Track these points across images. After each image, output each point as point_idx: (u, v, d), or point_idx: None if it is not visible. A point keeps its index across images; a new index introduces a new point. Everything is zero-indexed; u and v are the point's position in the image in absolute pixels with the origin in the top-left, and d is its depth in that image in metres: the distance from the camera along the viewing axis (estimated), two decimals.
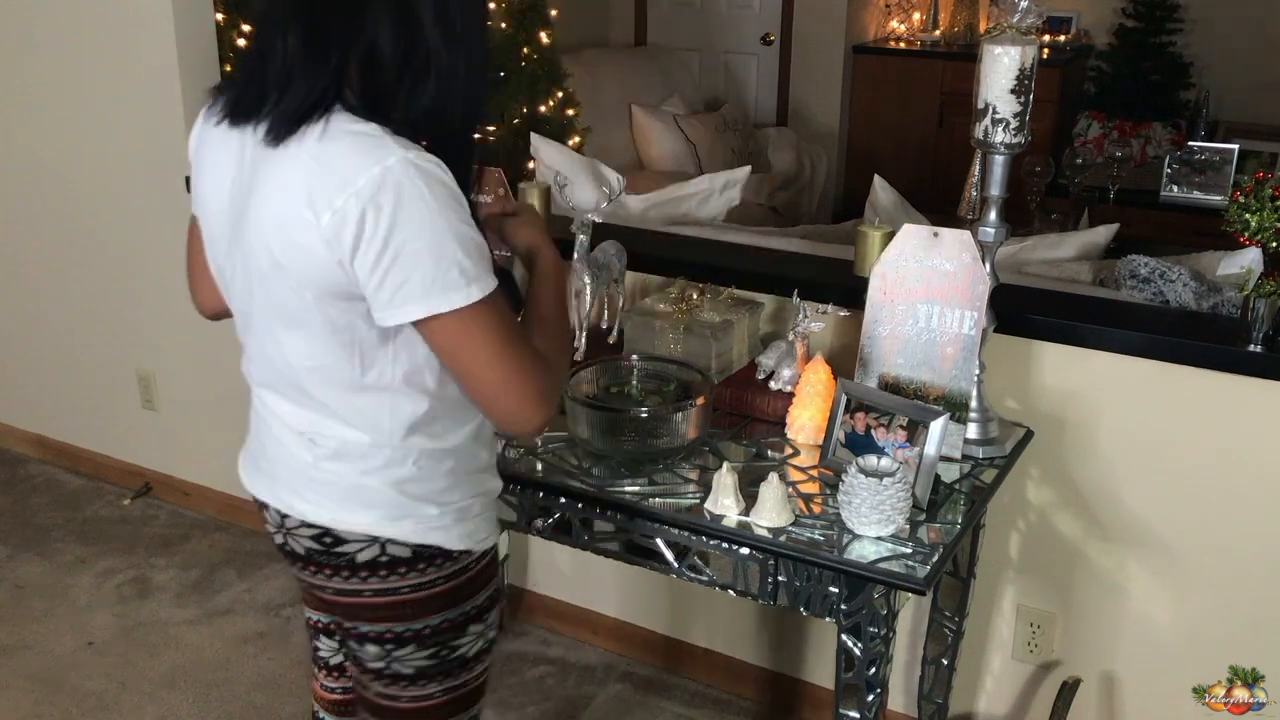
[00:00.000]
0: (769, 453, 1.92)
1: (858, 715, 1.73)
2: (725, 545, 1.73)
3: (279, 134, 1.26)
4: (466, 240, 1.27)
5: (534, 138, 3.03)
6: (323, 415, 1.40)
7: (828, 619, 1.71)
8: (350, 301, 1.30)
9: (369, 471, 1.41)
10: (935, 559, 1.63)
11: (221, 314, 1.56)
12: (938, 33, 6.17)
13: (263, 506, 1.52)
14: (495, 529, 1.54)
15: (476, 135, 1.44)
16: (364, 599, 1.46)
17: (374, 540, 1.42)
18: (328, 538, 1.44)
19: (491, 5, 3.37)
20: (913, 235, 1.90)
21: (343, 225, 1.23)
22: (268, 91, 1.28)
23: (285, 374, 1.40)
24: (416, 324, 1.29)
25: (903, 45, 6.16)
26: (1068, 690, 2.19)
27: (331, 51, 1.26)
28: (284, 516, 1.47)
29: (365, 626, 1.49)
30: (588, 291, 2.16)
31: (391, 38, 1.26)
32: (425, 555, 1.44)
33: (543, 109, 3.51)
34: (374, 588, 1.45)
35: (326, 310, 1.31)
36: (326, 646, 1.76)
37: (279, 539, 1.51)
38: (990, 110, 1.78)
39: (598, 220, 2.13)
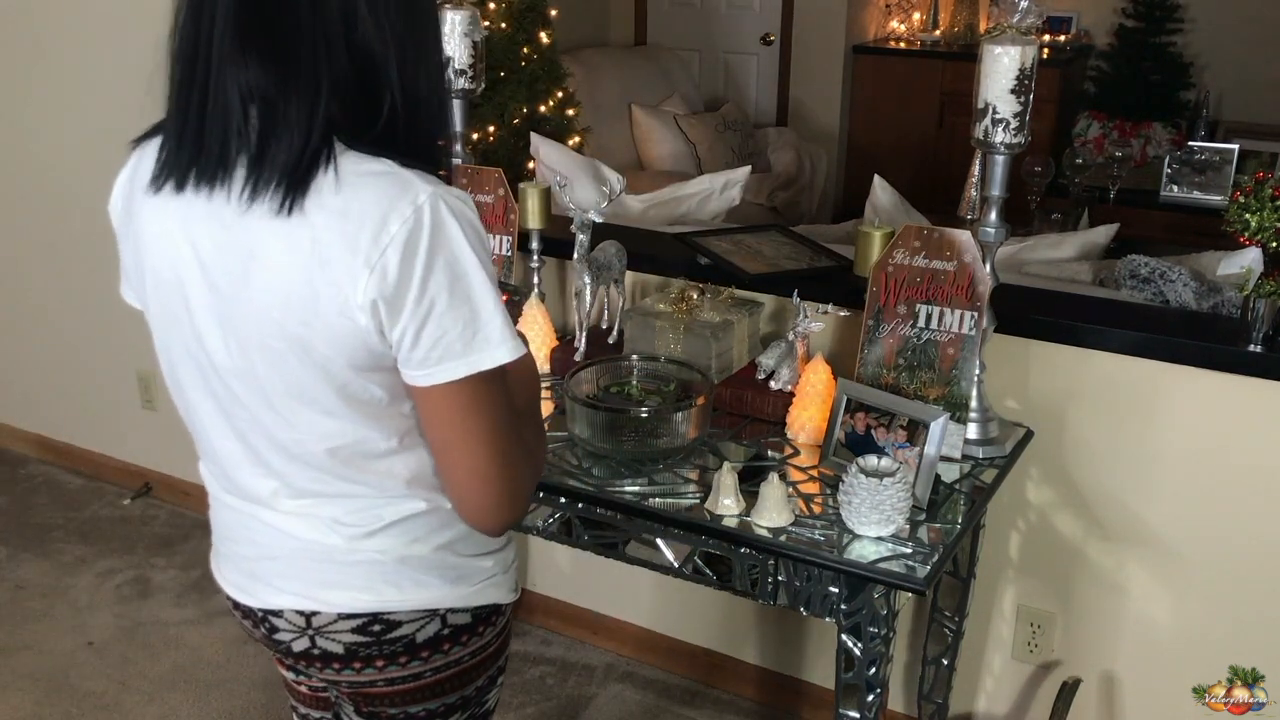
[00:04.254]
0: (769, 453, 1.92)
1: (858, 715, 1.73)
2: (725, 545, 1.73)
3: (290, 198, 1.06)
4: (497, 289, 1.14)
5: (534, 138, 3.03)
6: (351, 494, 1.24)
7: (828, 619, 1.71)
8: (381, 371, 1.15)
9: (417, 539, 1.26)
10: (935, 559, 1.63)
11: None
12: (938, 33, 6.17)
13: (266, 617, 1.32)
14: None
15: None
16: (424, 680, 1.32)
17: (433, 614, 1.28)
18: (376, 625, 1.27)
19: (492, 5, 3.37)
20: (913, 235, 1.90)
21: (382, 281, 1.07)
22: (230, 147, 1.08)
23: (299, 459, 1.21)
24: (432, 388, 1.12)
25: (903, 45, 6.16)
26: (1068, 690, 2.19)
27: (309, 86, 1.06)
28: (310, 616, 1.28)
29: (418, 708, 1.34)
30: (588, 291, 2.16)
31: (364, 56, 1.09)
32: (483, 616, 1.33)
33: (543, 109, 3.51)
34: (436, 665, 1.31)
35: (355, 381, 1.15)
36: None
37: (301, 644, 1.30)
38: (990, 110, 1.78)
39: (598, 220, 2.13)
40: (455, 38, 2.27)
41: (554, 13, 3.64)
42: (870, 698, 1.72)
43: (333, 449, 1.20)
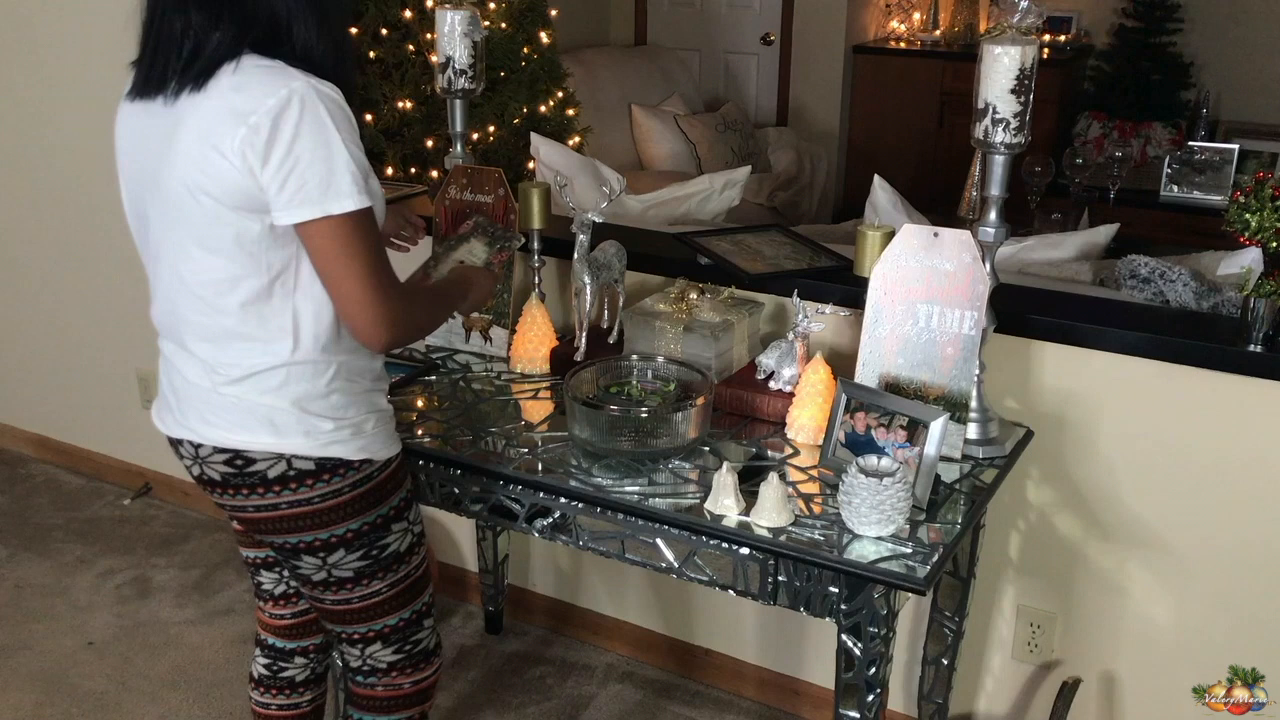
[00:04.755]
0: (769, 453, 1.92)
1: (858, 715, 1.73)
2: (725, 545, 1.73)
3: (200, 81, 1.46)
4: (357, 158, 1.48)
5: (534, 138, 3.03)
6: (225, 340, 1.56)
7: (828, 619, 1.70)
8: (259, 213, 1.48)
9: (269, 391, 1.57)
10: (935, 559, 1.63)
11: None
12: (938, 33, 6.17)
13: (177, 444, 1.66)
14: (394, 442, 1.72)
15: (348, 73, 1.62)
16: (281, 512, 1.63)
17: (280, 457, 1.59)
18: (239, 460, 1.59)
19: (492, 5, 3.37)
20: (913, 235, 1.89)
21: (255, 135, 1.42)
22: (171, 60, 1.48)
23: (195, 296, 1.55)
24: (302, 226, 1.47)
25: (903, 45, 6.16)
26: (1068, 690, 2.19)
27: (230, 28, 1.46)
28: (198, 446, 1.62)
29: (293, 539, 1.66)
30: (588, 291, 2.16)
31: (269, 15, 1.48)
32: (328, 466, 1.61)
33: (543, 109, 3.51)
34: (287, 500, 1.61)
35: (238, 224, 1.48)
36: (269, 579, 1.95)
37: (195, 470, 1.66)
38: (990, 110, 1.78)
39: (598, 220, 2.13)
40: (455, 38, 2.27)
41: (554, 13, 3.63)
42: (870, 698, 1.72)
43: (219, 282, 1.52)
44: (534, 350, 2.23)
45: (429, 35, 3.06)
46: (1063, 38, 5.90)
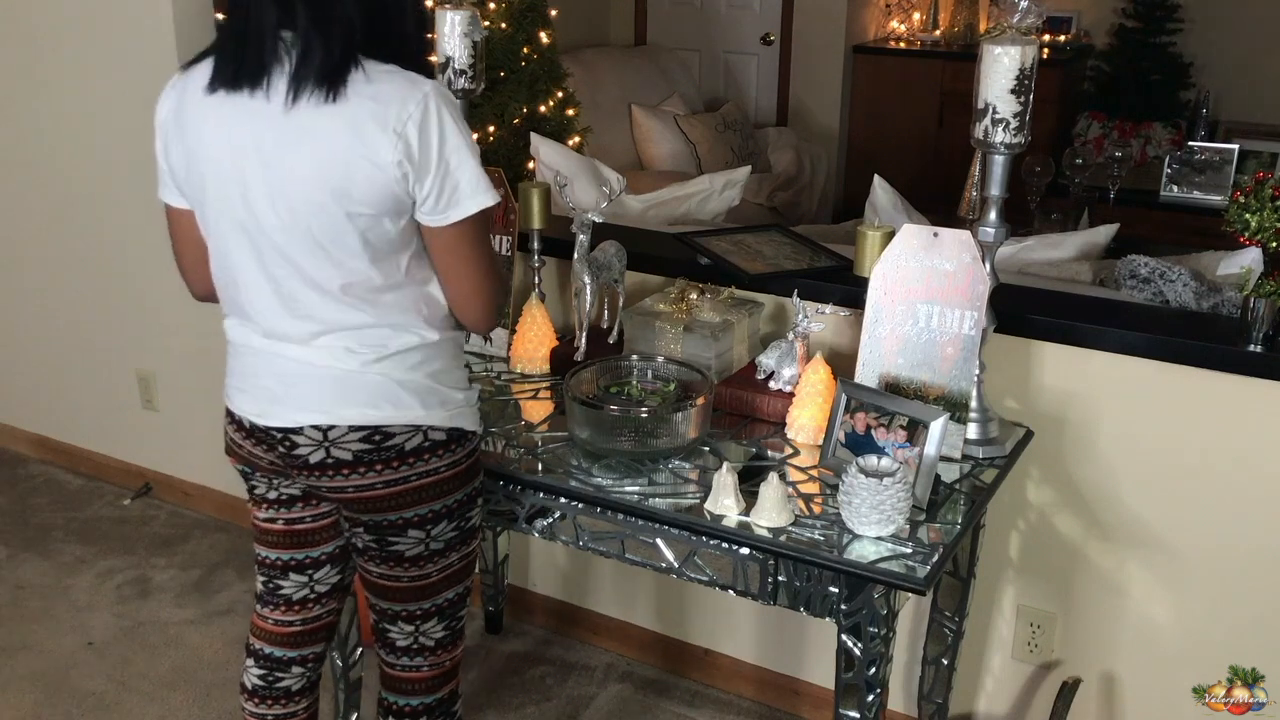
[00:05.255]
0: (769, 453, 1.92)
1: (858, 715, 1.73)
2: (725, 545, 1.73)
3: (331, 91, 1.48)
4: (478, 154, 1.57)
5: (534, 138, 3.03)
6: (361, 326, 1.60)
7: (828, 619, 1.71)
8: (400, 216, 1.55)
9: (411, 368, 1.63)
10: (935, 559, 1.63)
11: (213, 295, 1.73)
12: (938, 33, 6.17)
13: (286, 434, 1.65)
14: None
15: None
16: (411, 484, 1.66)
17: (417, 429, 1.64)
18: (377, 435, 1.62)
19: (492, 5, 3.37)
20: (913, 235, 1.89)
21: (409, 147, 1.48)
22: (272, 58, 1.49)
23: (324, 295, 1.58)
24: (452, 224, 1.56)
25: (903, 45, 6.16)
26: (1068, 690, 2.19)
27: (336, 25, 1.48)
28: (327, 430, 1.62)
29: (409, 512, 1.69)
30: (588, 291, 2.16)
31: (370, 8, 1.51)
32: (455, 436, 1.69)
33: (543, 109, 3.51)
34: (419, 471, 1.66)
35: (375, 226, 1.53)
36: (292, 584, 1.89)
37: (318, 456, 1.64)
38: (990, 110, 1.78)
39: (598, 220, 2.13)
40: (455, 38, 2.27)
41: (554, 13, 3.63)
42: (870, 698, 1.72)
43: (346, 284, 1.56)
44: (534, 350, 2.23)
45: (429, 35, 3.06)
46: (1063, 38, 5.90)
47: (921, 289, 1.89)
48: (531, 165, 3.04)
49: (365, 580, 1.81)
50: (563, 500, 1.85)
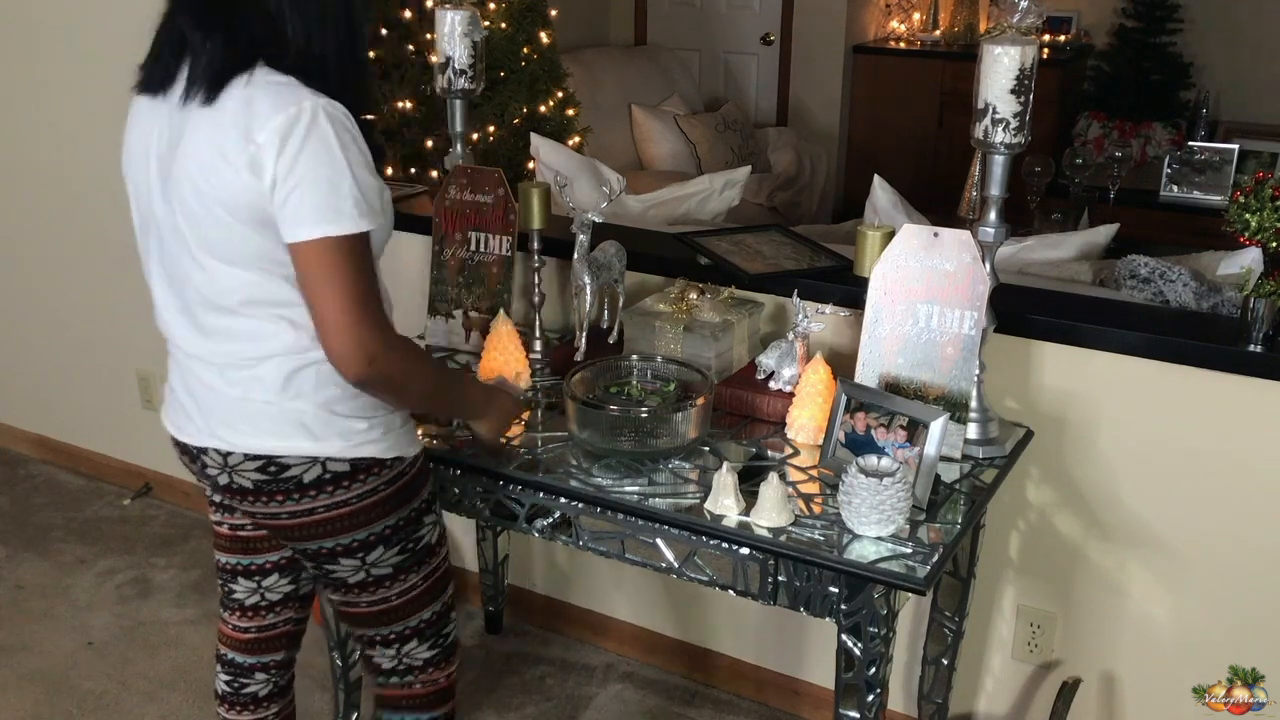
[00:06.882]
0: (769, 453, 1.92)
1: (858, 715, 1.73)
2: (725, 545, 1.73)
3: (210, 92, 1.46)
4: (363, 181, 1.47)
5: (534, 138, 3.03)
6: (247, 344, 1.55)
7: (828, 619, 1.71)
8: (267, 226, 1.48)
9: (301, 394, 1.56)
10: (935, 559, 1.63)
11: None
12: (938, 33, 6.17)
13: (199, 453, 1.63)
14: (417, 439, 1.74)
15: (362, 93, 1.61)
16: (318, 516, 1.61)
17: (314, 460, 1.58)
18: (272, 466, 1.58)
19: (492, 5, 3.37)
20: (913, 235, 1.89)
21: (262, 153, 1.43)
22: (177, 63, 1.50)
23: (214, 305, 1.54)
24: (295, 244, 1.46)
25: (903, 45, 6.16)
26: (1068, 690, 2.19)
27: (225, 30, 1.47)
28: (226, 455, 1.59)
29: (329, 542, 1.64)
30: (588, 291, 2.16)
31: (265, 17, 1.48)
32: (363, 466, 1.61)
33: (543, 109, 3.51)
34: (324, 504, 1.60)
35: (251, 236, 1.48)
36: (243, 588, 1.90)
37: (224, 479, 1.62)
38: (990, 110, 1.78)
39: (598, 220, 2.13)
40: (455, 38, 2.28)
41: (554, 13, 3.64)
42: (870, 698, 1.72)
43: (234, 289, 1.52)
44: (503, 371, 2.08)
45: (429, 35, 3.06)
46: (1063, 38, 5.90)
47: (921, 289, 1.89)
48: (531, 165, 3.04)
49: (333, 607, 1.80)
50: (563, 500, 1.85)
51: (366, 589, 1.71)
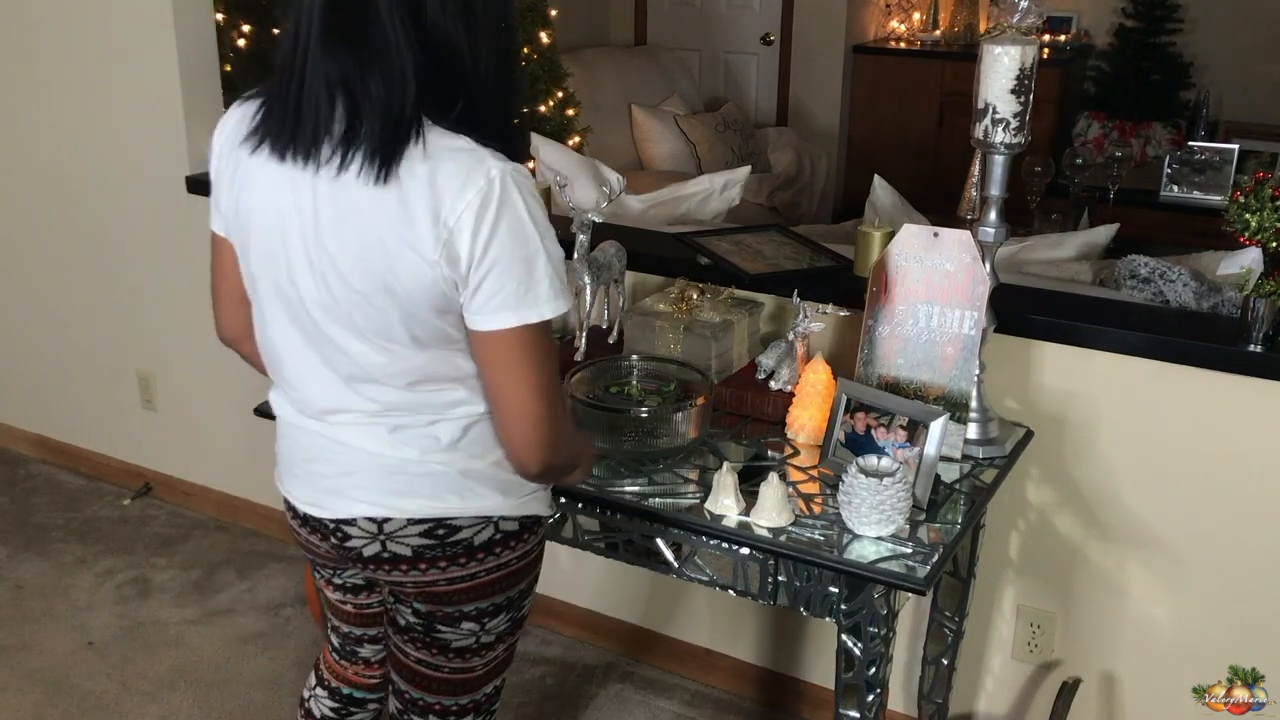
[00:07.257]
0: (769, 453, 1.92)
1: (858, 715, 1.73)
2: (725, 545, 1.73)
3: (383, 170, 1.28)
4: (554, 255, 1.35)
5: (534, 138, 3.03)
6: (423, 415, 1.43)
7: (828, 619, 1.71)
8: (448, 312, 1.36)
9: (475, 455, 1.46)
10: (935, 559, 1.63)
11: (240, 342, 1.58)
12: (938, 33, 6.17)
13: (339, 526, 1.50)
14: None
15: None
16: (479, 580, 1.52)
17: (488, 520, 1.49)
18: (440, 529, 1.47)
19: None
20: (913, 235, 1.90)
21: (456, 240, 1.29)
22: (320, 129, 1.30)
23: (380, 385, 1.41)
24: (482, 333, 1.34)
25: (903, 45, 6.16)
26: (1068, 690, 2.19)
27: (389, 72, 1.27)
28: (383, 523, 1.47)
29: (470, 606, 1.53)
30: (588, 291, 2.16)
31: (434, 48, 1.29)
32: (528, 525, 1.55)
33: (543, 109, 3.51)
34: (489, 566, 1.51)
35: (431, 320, 1.36)
36: (371, 650, 1.78)
37: (372, 549, 1.49)
38: (990, 110, 1.78)
39: (598, 220, 2.13)
40: None
41: (554, 13, 3.64)
42: (870, 698, 1.72)
43: (412, 382, 1.41)
44: None
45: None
46: (1063, 38, 5.90)
47: (921, 289, 1.89)
48: (531, 165, 3.04)
49: (397, 662, 1.62)
50: (563, 500, 1.85)
51: (463, 655, 1.58)
